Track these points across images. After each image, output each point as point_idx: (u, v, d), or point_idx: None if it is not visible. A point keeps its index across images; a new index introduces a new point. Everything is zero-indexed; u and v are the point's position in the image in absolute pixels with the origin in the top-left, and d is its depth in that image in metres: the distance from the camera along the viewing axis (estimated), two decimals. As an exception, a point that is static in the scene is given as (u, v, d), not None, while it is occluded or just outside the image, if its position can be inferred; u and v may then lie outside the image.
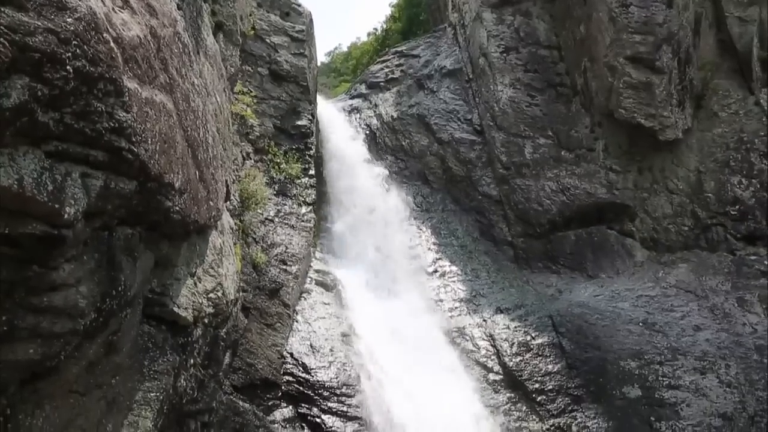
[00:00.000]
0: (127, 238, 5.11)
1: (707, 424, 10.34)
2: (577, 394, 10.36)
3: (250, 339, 9.04)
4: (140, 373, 6.12)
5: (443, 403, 9.35)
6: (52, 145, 3.77)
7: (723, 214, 13.88)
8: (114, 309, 5.01)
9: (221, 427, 8.12)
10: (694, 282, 12.79)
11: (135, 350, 6.03)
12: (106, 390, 5.48)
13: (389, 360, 9.83)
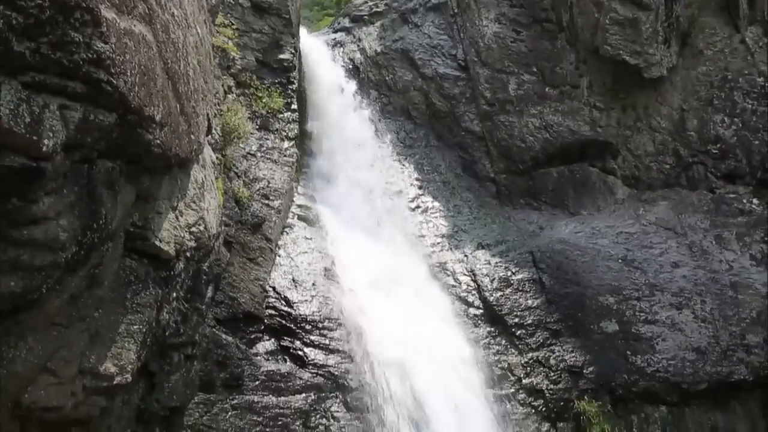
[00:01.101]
0: (108, 172, 5.06)
1: (681, 358, 10.58)
2: (555, 329, 10.54)
3: (232, 273, 9.08)
4: (123, 306, 6.13)
5: (424, 337, 9.48)
6: (29, 76, 3.70)
7: (704, 153, 13.94)
8: (95, 242, 4.99)
9: (204, 360, 8.22)
10: (674, 220, 12.92)
11: (117, 283, 6.03)
12: (89, 322, 5.50)
13: (371, 294, 9.92)
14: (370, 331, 9.33)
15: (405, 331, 9.41)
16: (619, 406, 10.04)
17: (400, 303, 9.89)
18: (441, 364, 9.27)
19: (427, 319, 9.97)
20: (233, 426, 8.00)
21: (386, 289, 10.05)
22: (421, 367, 9.04)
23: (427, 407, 8.73)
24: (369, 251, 10.88)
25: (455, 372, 9.38)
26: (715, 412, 10.56)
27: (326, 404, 8.56)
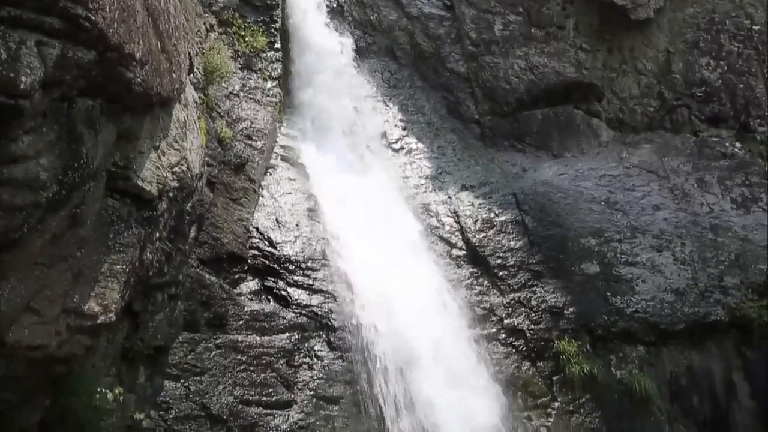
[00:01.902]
0: (88, 110, 5.00)
1: (660, 299, 10.75)
2: (537, 270, 10.64)
3: (215, 213, 9.06)
4: (105, 245, 6.13)
5: (407, 277, 9.55)
6: (5, 11, 3.63)
7: (689, 96, 13.95)
8: (77, 182, 4.96)
9: (188, 300, 8.26)
10: (657, 162, 12.98)
11: (99, 223, 6.01)
12: (72, 262, 5.49)
13: (355, 235, 9.94)
14: (354, 272, 9.37)
15: (388, 272, 9.46)
16: (598, 345, 10.22)
17: (384, 244, 9.92)
18: (424, 304, 9.36)
19: (410, 259, 10.03)
20: (217, 365, 8.08)
21: (370, 230, 10.07)
22: (404, 306, 9.12)
23: (409, 346, 8.83)
24: (353, 192, 10.86)
25: (438, 312, 9.48)
26: (691, 352, 10.78)
27: (310, 343, 8.65)
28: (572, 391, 9.69)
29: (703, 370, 10.76)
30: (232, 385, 8.05)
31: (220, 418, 7.80)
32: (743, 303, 11.17)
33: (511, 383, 9.39)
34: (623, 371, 10.18)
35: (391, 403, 8.43)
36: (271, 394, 8.16)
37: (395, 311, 9.07)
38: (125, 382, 7.32)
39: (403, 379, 8.63)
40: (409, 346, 8.84)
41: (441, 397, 8.61)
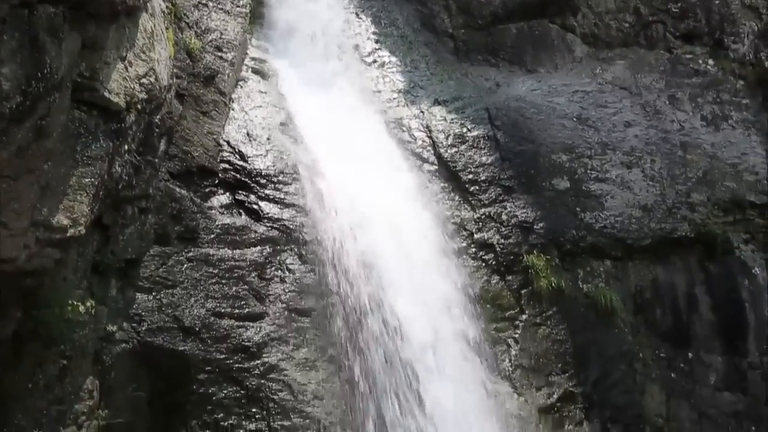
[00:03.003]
0: (50, 17, 4.86)
1: (628, 215, 10.90)
2: (508, 185, 10.70)
3: (185, 126, 8.94)
4: (73, 158, 6.07)
5: (379, 191, 9.56)
6: None
7: (664, 12, 13.83)
8: (41, 92, 4.87)
9: (159, 213, 8.22)
10: (630, 79, 12.95)
11: (66, 136, 5.94)
12: (39, 175, 5.44)
13: (327, 149, 9.88)
14: (325, 186, 9.36)
15: (359, 186, 9.46)
16: (566, 260, 10.38)
17: (356, 158, 9.89)
18: (395, 218, 9.40)
19: (382, 174, 10.02)
20: (189, 278, 8.12)
21: (342, 143, 10.02)
22: (374, 219, 9.17)
23: (380, 260, 8.92)
24: (325, 106, 10.75)
25: (408, 226, 9.53)
26: (656, 266, 11.01)
27: (281, 257, 8.69)
28: (540, 304, 9.89)
29: (666, 284, 11.02)
30: (204, 297, 8.11)
31: (193, 330, 7.88)
32: (709, 219, 11.38)
33: (480, 296, 9.56)
34: (590, 285, 10.40)
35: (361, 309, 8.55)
36: (243, 306, 8.24)
37: (365, 223, 9.10)
38: (97, 295, 7.35)
39: (370, 283, 8.74)
40: (379, 259, 8.91)
41: (409, 305, 8.75)
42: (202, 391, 7.78)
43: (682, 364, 10.74)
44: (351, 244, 8.93)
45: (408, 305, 8.76)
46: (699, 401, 10.57)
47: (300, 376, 8.12)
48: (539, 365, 9.57)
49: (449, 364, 8.70)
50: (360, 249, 8.92)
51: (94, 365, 7.30)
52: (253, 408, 7.88)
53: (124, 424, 7.43)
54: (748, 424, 10.72)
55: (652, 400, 10.18)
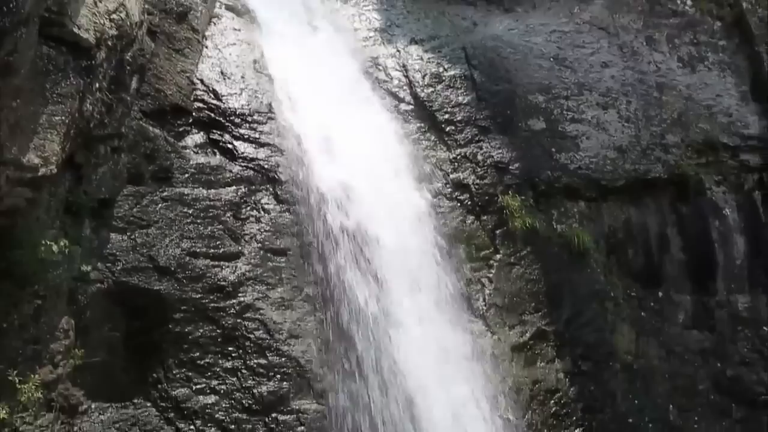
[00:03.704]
0: (14, -51, 4.71)
1: (603, 156, 10.97)
2: (484, 125, 10.67)
3: (158, 64, 8.78)
4: (42, 96, 5.97)
5: (355, 132, 9.50)
6: None
7: (643, -50, 13.66)
8: (7, 27, 4.77)
9: (132, 152, 8.12)
10: (608, 19, 12.86)
11: (35, 73, 5.83)
12: (7, 113, 5.35)
13: (301, 88, 9.77)
14: (300, 125, 9.28)
15: (335, 126, 9.39)
16: (541, 200, 10.45)
17: (331, 97, 9.79)
18: (371, 159, 9.37)
19: (358, 113, 9.94)
20: (164, 217, 8.07)
21: (317, 82, 9.91)
22: (350, 159, 9.13)
23: (354, 195, 8.90)
24: (300, 44, 10.59)
25: (385, 167, 9.52)
26: (630, 207, 11.14)
27: (257, 197, 8.66)
28: (514, 244, 9.98)
29: (639, 225, 11.17)
30: (179, 237, 8.08)
31: (168, 270, 7.87)
32: (682, 161, 11.48)
33: (455, 236, 9.61)
34: (564, 225, 10.50)
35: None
36: (218, 246, 8.23)
37: (340, 161, 9.06)
38: (70, 235, 7.28)
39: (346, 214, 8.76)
40: (353, 195, 8.89)
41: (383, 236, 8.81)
42: (178, 330, 7.82)
43: (653, 303, 10.95)
44: (325, 180, 8.89)
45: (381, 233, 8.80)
46: (668, 339, 10.82)
47: (276, 315, 8.17)
48: (513, 304, 9.71)
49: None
50: (334, 187, 8.88)
51: (69, 305, 7.29)
52: (230, 347, 7.94)
53: (100, 363, 7.45)
54: (714, 361, 11.01)
55: (622, 338, 10.39)
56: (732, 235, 11.74)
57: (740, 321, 11.39)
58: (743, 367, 11.13)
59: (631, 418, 9.96)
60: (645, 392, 10.25)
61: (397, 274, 8.72)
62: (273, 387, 7.88)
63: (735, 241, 11.75)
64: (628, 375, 10.20)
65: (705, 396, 10.74)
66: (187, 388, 7.72)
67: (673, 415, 10.35)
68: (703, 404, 10.67)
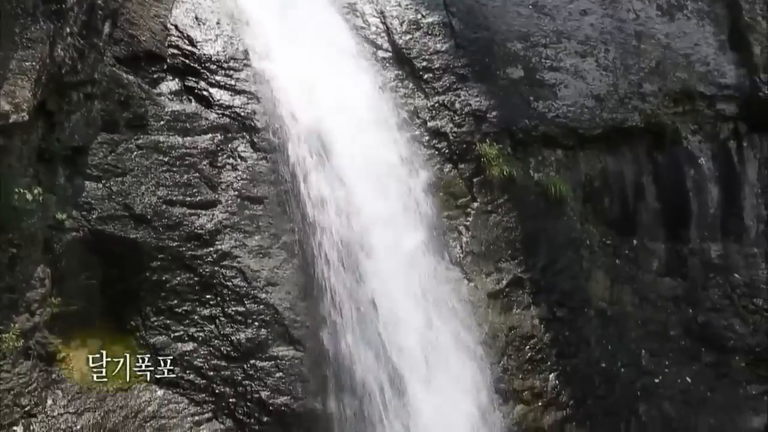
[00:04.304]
0: None
1: (581, 105, 10.97)
2: (462, 73, 10.58)
3: (130, 9, 8.62)
4: (12, 41, 5.89)
5: (331, 79, 9.40)
6: None
7: None
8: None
9: (105, 99, 8.02)
10: (588, -35, 12.72)
11: (4, 16, 5.72)
12: (-24, 57, 5.24)
13: (278, 34, 9.64)
14: (277, 72, 9.17)
15: (312, 74, 9.29)
16: (518, 149, 10.46)
17: (308, 44, 9.66)
18: (348, 106, 9.29)
19: (335, 61, 9.82)
20: (139, 165, 8.01)
21: (293, 29, 9.77)
22: (327, 106, 9.06)
23: (332, 140, 8.85)
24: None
25: (362, 115, 9.45)
26: (606, 156, 11.19)
27: (233, 144, 8.60)
28: (491, 193, 10.01)
29: (615, 174, 11.24)
30: (155, 185, 8.04)
31: (144, 218, 7.85)
32: (659, 110, 11.52)
33: (433, 184, 9.62)
34: (541, 174, 10.54)
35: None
36: (195, 194, 8.20)
37: (316, 106, 8.98)
38: (44, 183, 7.24)
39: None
40: (330, 139, 8.85)
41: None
42: (156, 278, 7.84)
43: (627, 251, 11.09)
44: (302, 124, 8.83)
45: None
46: (641, 286, 10.99)
47: (253, 263, 8.20)
48: (489, 252, 9.79)
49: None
50: (311, 133, 8.82)
51: (45, 253, 7.28)
52: (207, 294, 7.99)
53: (77, 311, 7.48)
54: (686, 307, 11.22)
55: (597, 285, 10.55)
56: (706, 184, 11.86)
57: (712, 268, 11.58)
58: (714, 313, 11.36)
59: (604, 362, 10.18)
60: (618, 338, 10.46)
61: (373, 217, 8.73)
62: (251, 334, 7.96)
63: (709, 190, 11.87)
64: (602, 321, 10.39)
65: (676, 341, 10.97)
66: (165, 335, 7.80)
67: (645, 359, 10.58)
68: (674, 349, 10.91)
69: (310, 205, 8.45)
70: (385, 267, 8.55)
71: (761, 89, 12.04)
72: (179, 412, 7.64)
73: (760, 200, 12.19)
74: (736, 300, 11.57)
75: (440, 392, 8.29)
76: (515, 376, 9.36)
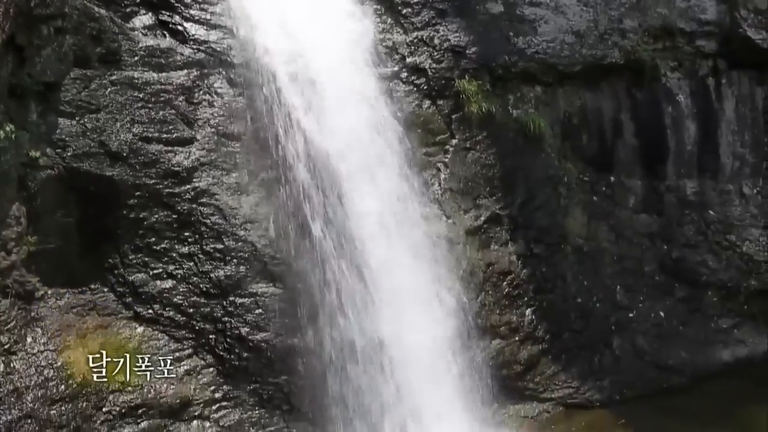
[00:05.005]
0: None
1: (560, 41, 10.86)
2: (442, 8, 10.35)
3: (101, -62, 8.35)
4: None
5: (309, 16, 9.19)
6: None
7: None
8: None
9: (77, 34, 7.82)
10: None
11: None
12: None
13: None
14: (252, 6, 8.97)
15: (289, 9, 9.08)
16: (497, 85, 10.37)
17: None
18: (325, 41, 9.12)
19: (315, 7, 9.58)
20: (113, 101, 7.88)
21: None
22: (304, 40, 8.90)
23: (309, 75, 8.72)
24: None
25: (339, 50, 9.29)
26: (585, 92, 11.15)
27: (209, 80, 8.46)
28: (470, 129, 9.98)
29: (594, 110, 11.23)
30: (131, 122, 7.93)
31: (120, 155, 7.76)
32: (639, 46, 11.44)
33: (411, 121, 9.55)
34: (520, 110, 10.49)
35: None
36: (171, 131, 8.10)
37: (296, 44, 8.82)
38: (16, 120, 7.10)
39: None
40: (318, 87, 8.74)
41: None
42: (133, 216, 7.81)
43: (604, 188, 11.17)
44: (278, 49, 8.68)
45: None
46: (617, 223, 11.11)
47: (232, 201, 8.17)
48: (468, 189, 9.81)
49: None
50: (292, 72, 8.70)
51: (20, 191, 7.20)
52: (186, 232, 7.98)
53: (54, 250, 7.45)
54: (661, 244, 11.38)
55: (574, 221, 10.64)
56: (684, 121, 11.89)
57: (687, 205, 11.71)
58: (688, 249, 11.53)
59: (580, 298, 10.35)
60: (594, 274, 10.62)
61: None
62: (230, 271, 8.00)
63: (687, 127, 11.91)
64: (578, 257, 10.53)
65: (651, 277, 11.16)
66: (144, 273, 7.81)
67: (619, 294, 10.77)
68: (649, 285, 11.10)
69: (285, 136, 8.36)
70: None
71: (741, 26, 11.97)
72: (159, 349, 7.72)
73: (736, 137, 12.27)
74: (710, 236, 11.75)
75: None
76: (492, 312, 9.51)
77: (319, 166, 8.45)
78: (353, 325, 8.08)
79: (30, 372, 6.96)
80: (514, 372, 9.54)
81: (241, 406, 7.85)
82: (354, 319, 8.10)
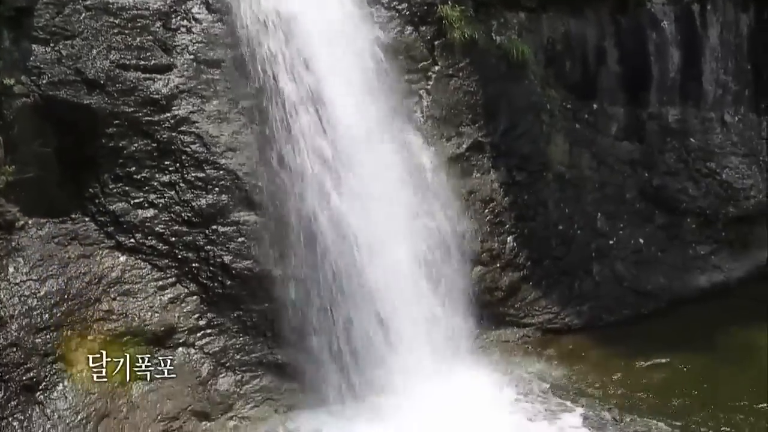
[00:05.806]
0: None
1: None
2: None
3: None
4: None
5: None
6: None
7: None
8: None
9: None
10: None
11: None
12: None
13: None
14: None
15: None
16: (480, 11, 10.18)
17: None
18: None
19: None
20: (89, 27, 7.68)
21: None
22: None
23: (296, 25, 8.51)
24: None
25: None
26: (570, 19, 11.01)
27: (187, 5, 8.22)
28: (453, 56, 9.84)
29: (578, 37, 11.11)
30: (107, 49, 7.75)
31: (97, 83, 7.62)
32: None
33: (393, 47, 9.38)
34: (503, 37, 10.35)
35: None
36: (149, 58, 7.94)
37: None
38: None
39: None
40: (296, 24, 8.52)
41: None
42: (112, 144, 7.72)
43: (587, 115, 11.15)
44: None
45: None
46: (599, 150, 11.13)
47: (212, 129, 8.07)
48: (450, 116, 9.74)
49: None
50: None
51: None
52: (166, 161, 7.91)
53: (33, 179, 7.39)
54: (642, 171, 11.43)
55: (556, 149, 10.64)
56: (668, 47, 11.81)
57: (669, 132, 11.74)
58: (669, 176, 11.61)
59: (561, 225, 10.43)
60: (575, 201, 10.68)
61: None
62: (212, 200, 7.97)
63: (671, 54, 11.84)
64: (560, 185, 10.57)
65: (631, 204, 11.25)
66: (125, 202, 7.77)
67: (600, 222, 10.86)
68: (629, 212, 11.20)
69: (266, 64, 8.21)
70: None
71: (729, -51, 11.84)
72: (143, 278, 7.74)
73: (719, 65, 12.24)
74: (691, 164, 11.82)
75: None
76: (474, 239, 9.56)
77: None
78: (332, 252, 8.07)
79: (13, 302, 6.98)
80: (495, 298, 9.67)
81: (225, 333, 7.92)
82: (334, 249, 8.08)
